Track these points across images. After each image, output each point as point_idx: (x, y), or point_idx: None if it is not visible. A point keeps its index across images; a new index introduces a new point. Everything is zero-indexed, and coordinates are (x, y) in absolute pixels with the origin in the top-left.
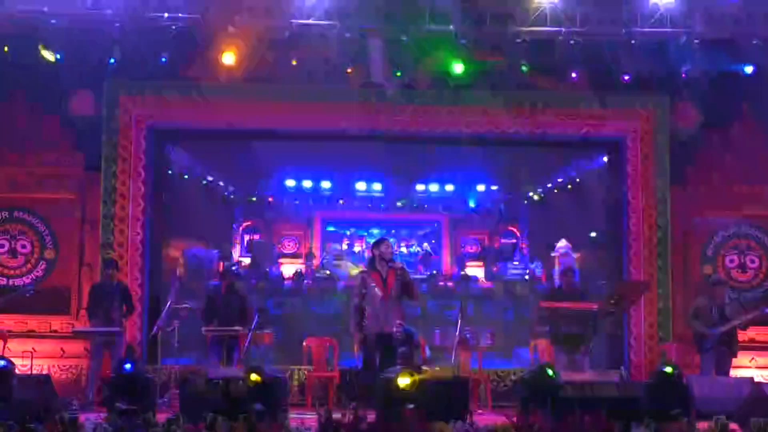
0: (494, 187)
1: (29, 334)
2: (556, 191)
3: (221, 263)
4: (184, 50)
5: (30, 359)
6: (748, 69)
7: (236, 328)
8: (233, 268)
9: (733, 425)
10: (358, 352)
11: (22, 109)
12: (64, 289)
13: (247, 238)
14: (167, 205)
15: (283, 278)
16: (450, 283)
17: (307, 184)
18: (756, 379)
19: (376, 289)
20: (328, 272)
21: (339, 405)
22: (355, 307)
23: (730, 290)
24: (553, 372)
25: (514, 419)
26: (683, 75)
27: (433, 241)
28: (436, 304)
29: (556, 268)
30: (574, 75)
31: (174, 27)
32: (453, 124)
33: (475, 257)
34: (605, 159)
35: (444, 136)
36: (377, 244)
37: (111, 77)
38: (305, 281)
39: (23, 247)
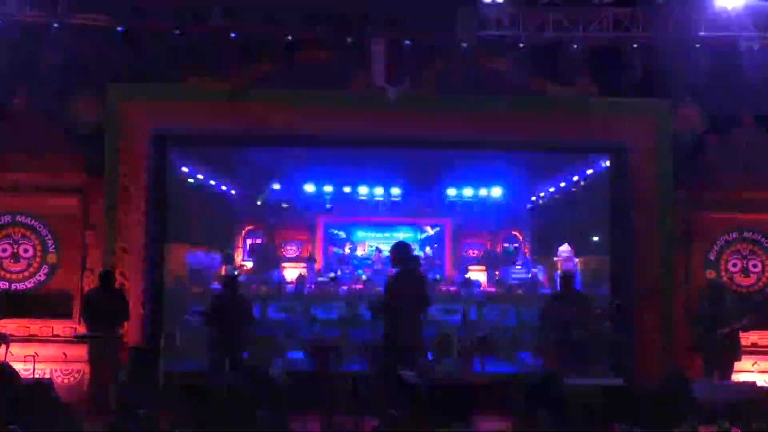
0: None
1: (32, 339)
2: (559, 195)
3: (223, 267)
4: (187, 55)
5: (32, 363)
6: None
7: (239, 332)
8: (235, 272)
9: (735, 429)
10: None
11: (25, 113)
12: (66, 293)
13: (249, 242)
14: (170, 209)
15: (286, 282)
16: (452, 288)
17: (310, 188)
18: (758, 383)
19: None
20: (332, 276)
21: (341, 410)
22: None
23: (732, 294)
24: (556, 377)
25: (517, 424)
26: (687, 79)
27: (435, 245)
28: (439, 308)
29: (559, 272)
30: (577, 79)
31: (177, 32)
32: (456, 129)
33: (477, 261)
34: (609, 163)
35: (447, 141)
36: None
37: (114, 82)
38: (308, 285)
39: (26, 251)
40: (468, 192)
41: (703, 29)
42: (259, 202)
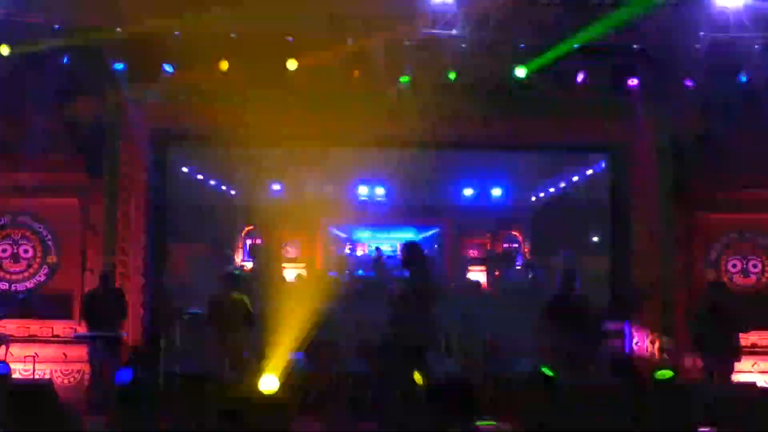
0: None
1: (32, 339)
2: (559, 196)
3: (223, 267)
4: (187, 56)
5: (32, 364)
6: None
7: (239, 332)
8: (236, 272)
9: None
10: None
11: (25, 113)
12: (66, 293)
13: (249, 242)
14: (170, 209)
15: (285, 282)
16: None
17: (311, 188)
18: (759, 384)
19: None
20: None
21: (341, 409)
22: None
23: (732, 295)
24: (554, 375)
25: (517, 423)
26: (685, 81)
27: (435, 245)
28: (439, 308)
29: (558, 273)
30: (578, 80)
31: (176, 33)
32: (455, 130)
33: (477, 262)
34: (608, 164)
35: (445, 142)
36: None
37: (114, 82)
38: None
39: (25, 251)
40: (468, 192)
41: (704, 29)
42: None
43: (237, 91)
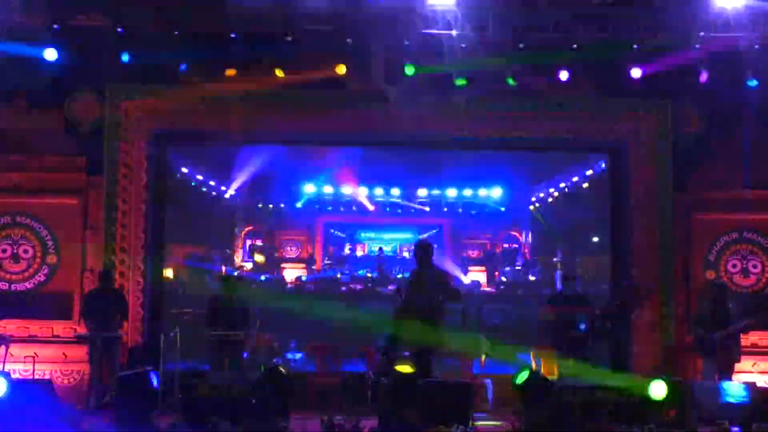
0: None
1: (32, 339)
2: (558, 196)
3: (223, 267)
4: (188, 56)
5: (32, 364)
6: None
7: (238, 332)
8: (236, 272)
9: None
10: None
11: (25, 113)
12: (66, 294)
13: (249, 242)
14: (169, 209)
15: (285, 282)
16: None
17: (310, 189)
18: (758, 384)
19: None
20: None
21: (341, 409)
22: None
23: (731, 295)
24: (549, 376)
25: (516, 424)
26: (687, 80)
27: (435, 245)
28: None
29: (558, 272)
30: (577, 79)
31: (178, 33)
32: (454, 129)
33: (477, 262)
34: (608, 164)
35: (445, 141)
36: None
37: (114, 82)
38: (307, 285)
39: (25, 252)
40: (468, 192)
41: (703, 29)
42: (260, 205)
43: (238, 91)
